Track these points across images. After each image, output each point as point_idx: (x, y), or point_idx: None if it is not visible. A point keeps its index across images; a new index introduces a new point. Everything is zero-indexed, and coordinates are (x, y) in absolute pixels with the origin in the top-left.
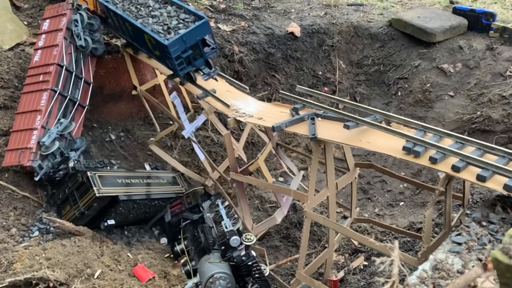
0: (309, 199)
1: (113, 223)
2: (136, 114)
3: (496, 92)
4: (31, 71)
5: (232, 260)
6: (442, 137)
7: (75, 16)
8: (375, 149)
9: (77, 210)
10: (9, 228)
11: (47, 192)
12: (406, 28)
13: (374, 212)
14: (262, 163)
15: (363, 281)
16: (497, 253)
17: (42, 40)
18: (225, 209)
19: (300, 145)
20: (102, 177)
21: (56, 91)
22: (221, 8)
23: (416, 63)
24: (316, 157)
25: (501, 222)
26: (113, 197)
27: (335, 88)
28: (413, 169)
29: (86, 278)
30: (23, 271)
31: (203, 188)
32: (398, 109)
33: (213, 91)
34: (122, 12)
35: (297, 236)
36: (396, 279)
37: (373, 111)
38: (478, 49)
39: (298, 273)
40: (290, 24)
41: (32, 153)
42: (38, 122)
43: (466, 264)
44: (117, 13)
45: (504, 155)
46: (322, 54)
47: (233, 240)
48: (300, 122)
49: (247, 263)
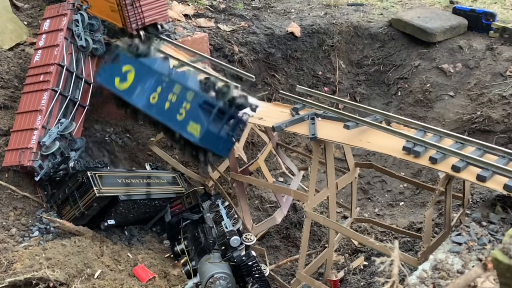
0: (309, 199)
1: (113, 223)
2: None
3: (496, 92)
4: (31, 71)
5: (232, 260)
6: (442, 137)
7: (75, 16)
8: (375, 149)
9: (77, 210)
10: (9, 228)
11: (47, 192)
12: (406, 28)
13: (374, 212)
14: (262, 163)
15: (363, 281)
16: (497, 253)
17: (42, 40)
18: (225, 209)
19: (300, 145)
20: (102, 177)
21: (56, 91)
22: (221, 8)
23: (416, 63)
24: (316, 157)
25: (501, 222)
26: (113, 197)
27: (335, 88)
28: (413, 169)
29: (86, 278)
30: (23, 271)
31: (203, 188)
32: (398, 109)
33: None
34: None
35: (297, 236)
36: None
37: (373, 111)
38: (478, 49)
39: (299, 273)
40: (290, 24)
41: (32, 153)
42: (39, 122)
43: (466, 264)
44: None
45: (504, 155)
46: (322, 54)
47: (233, 240)
48: (300, 122)
49: (247, 263)
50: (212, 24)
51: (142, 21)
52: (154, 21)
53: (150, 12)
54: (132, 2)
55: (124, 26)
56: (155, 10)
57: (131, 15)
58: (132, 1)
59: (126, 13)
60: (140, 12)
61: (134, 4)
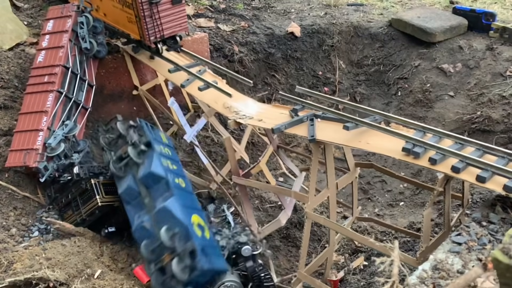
0: (309, 200)
1: (114, 230)
2: (136, 114)
3: (496, 92)
4: (34, 71)
5: (244, 270)
6: (441, 137)
7: (80, 18)
8: (374, 150)
9: (79, 216)
10: (9, 228)
11: (51, 194)
12: (406, 28)
13: (374, 212)
14: (264, 166)
15: (363, 281)
16: (497, 253)
17: (45, 41)
18: (232, 215)
19: (300, 145)
20: (105, 185)
21: (62, 93)
22: (221, 8)
23: (416, 63)
24: (316, 158)
25: (501, 222)
26: (115, 205)
27: (335, 88)
28: (413, 169)
29: (86, 278)
30: (23, 271)
31: (207, 191)
32: (398, 109)
33: (214, 82)
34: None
35: (297, 236)
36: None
37: (373, 112)
38: (478, 49)
39: (299, 272)
40: (290, 24)
41: (38, 154)
42: (44, 123)
43: (466, 264)
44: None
45: (504, 156)
46: (322, 54)
47: (245, 250)
48: (299, 123)
49: (259, 275)
50: (212, 24)
51: (161, 34)
52: (174, 33)
53: (170, 24)
54: (151, 14)
55: (142, 39)
56: (175, 22)
57: (149, 27)
58: (151, 13)
59: (144, 25)
60: (159, 24)
61: (153, 16)
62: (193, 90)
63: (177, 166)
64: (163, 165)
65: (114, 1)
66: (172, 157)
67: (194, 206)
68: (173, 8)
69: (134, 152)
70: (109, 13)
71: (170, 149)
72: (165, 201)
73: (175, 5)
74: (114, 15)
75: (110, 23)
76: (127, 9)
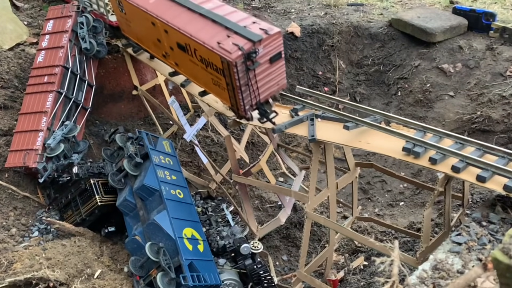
0: (309, 200)
1: (114, 230)
2: (136, 114)
3: (496, 92)
4: (34, 71)
5: (243, 268)
6: (441, 137)
7: (80, 18)
8: (374, 150)
9: (78, 216)
10: (9, 228)
11: (50, 194)
12: (406, 28)
13: (374, 212)
14: (264, 165)
15: (363, 281)
16: (497, 253)
17: (45, 41)
18: (231, 214)
19: (300, 145)
20: (104, 184)
21: (61, 93)
22: None
23: (416, 63)
24: (316, 158)
25: (501, 222)
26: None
27: (335, 88)
28: (413, 169)
29: (86, 278)
30: (23, 271)
31: (207, 190)
32: (398, 109)
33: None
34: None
35: (297, 236)
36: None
37: (373, 112)
38: (478, 49)
39: (299, 272)
40: (290, 24)
41: (37, 154)
42: (44, 123)
43: (466, 264)
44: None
45: (504, 156)
46: (322, 54)
47: (244, 248)
48: (299, 123)
49: (258, 273)
50: None
51: (256, 100)
52: (271, 95)
53: (267, 86)
54: (247, 81)
55: (234, 108)
56: (272, 81)
57: (245, 96)
58: (247, 81)
59: (239, 95)
60: (256, 89)
61: (250, 81)
62: (193, 89)
63: (176, 176)
64: (159, 176)
65: (194, 58)
66: (173, 167)
67: (190, 218)
68: (272, 67)
69: (129, 165)
70: (184, 66)
71: (172, 159)
72: (157, 214)
73: (274, 62)
74: (191, 70)
75: (185, 74)
76: (215, 72)
